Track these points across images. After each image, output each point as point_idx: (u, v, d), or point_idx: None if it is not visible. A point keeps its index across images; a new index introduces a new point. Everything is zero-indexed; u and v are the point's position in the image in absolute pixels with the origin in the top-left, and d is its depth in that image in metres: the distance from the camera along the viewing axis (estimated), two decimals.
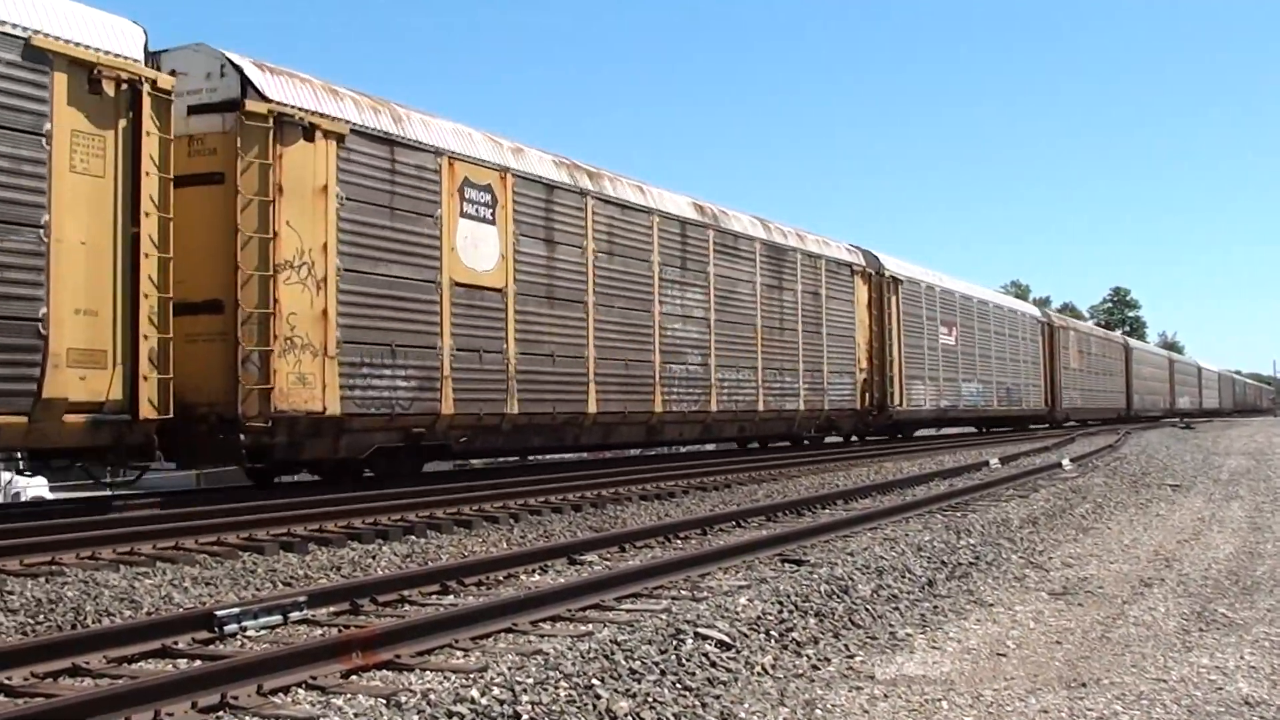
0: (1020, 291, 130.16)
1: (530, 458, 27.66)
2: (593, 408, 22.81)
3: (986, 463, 26.58)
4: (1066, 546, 13.71)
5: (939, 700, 6.90)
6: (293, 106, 16.74)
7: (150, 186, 14.54)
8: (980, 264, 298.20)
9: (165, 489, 19.43)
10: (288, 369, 16.20)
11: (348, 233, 17.44)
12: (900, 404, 37.48)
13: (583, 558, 12.10)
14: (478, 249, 20.13)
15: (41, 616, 9.00)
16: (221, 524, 13.57)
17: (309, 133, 16.86)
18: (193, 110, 16.26)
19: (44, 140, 13.40)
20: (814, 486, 21.32)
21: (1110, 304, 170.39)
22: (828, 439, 36.45)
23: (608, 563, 12.05)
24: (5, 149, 12.99)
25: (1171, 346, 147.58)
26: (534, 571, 11.40)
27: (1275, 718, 6.49)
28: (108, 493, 17.40)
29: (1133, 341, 72.79)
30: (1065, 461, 26.91)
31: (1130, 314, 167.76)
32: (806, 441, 34.67)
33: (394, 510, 15.39)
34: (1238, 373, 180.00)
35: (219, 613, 8.42)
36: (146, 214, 14.46)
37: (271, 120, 16.29)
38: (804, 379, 32.09)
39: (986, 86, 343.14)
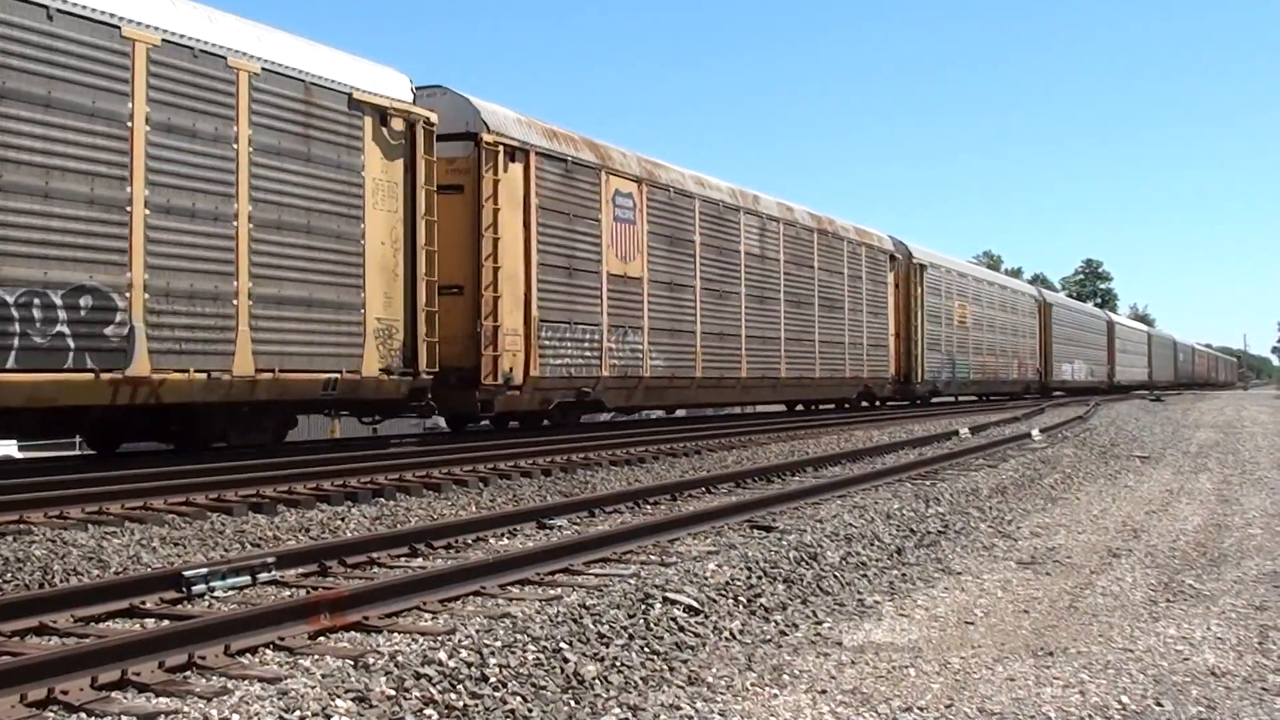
0: (993, 262, 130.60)
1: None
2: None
3: (956, 432, 26.68)
4: (1035, 516, 13.76)
5: (906, 667, 6.92)
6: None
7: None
8: (952, 233, 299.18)
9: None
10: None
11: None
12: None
13: (552, 522, 12.10)
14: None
15: (9, 575, 8.95)
16: (190, 484, 13.51)
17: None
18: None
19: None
20: (784, 454, 21.35)
21: (1082, 275, 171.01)
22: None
23: (577, 527, 12.05)
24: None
25: (1143, 319, 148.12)
26: (503, 535, 11.40)
27: (1241, 688, 6.53)
28: (75, 452, 17.61)
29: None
30: (1035, 432, 27.02)
31: (1102, 286, 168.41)
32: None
33: (363, 473, 15.36)
34: (1208, 345, 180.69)
35: (187, 573, 8.40)
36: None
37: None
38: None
39: (958, 56, 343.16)
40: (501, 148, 21.01)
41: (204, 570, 8.52)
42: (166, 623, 7.41)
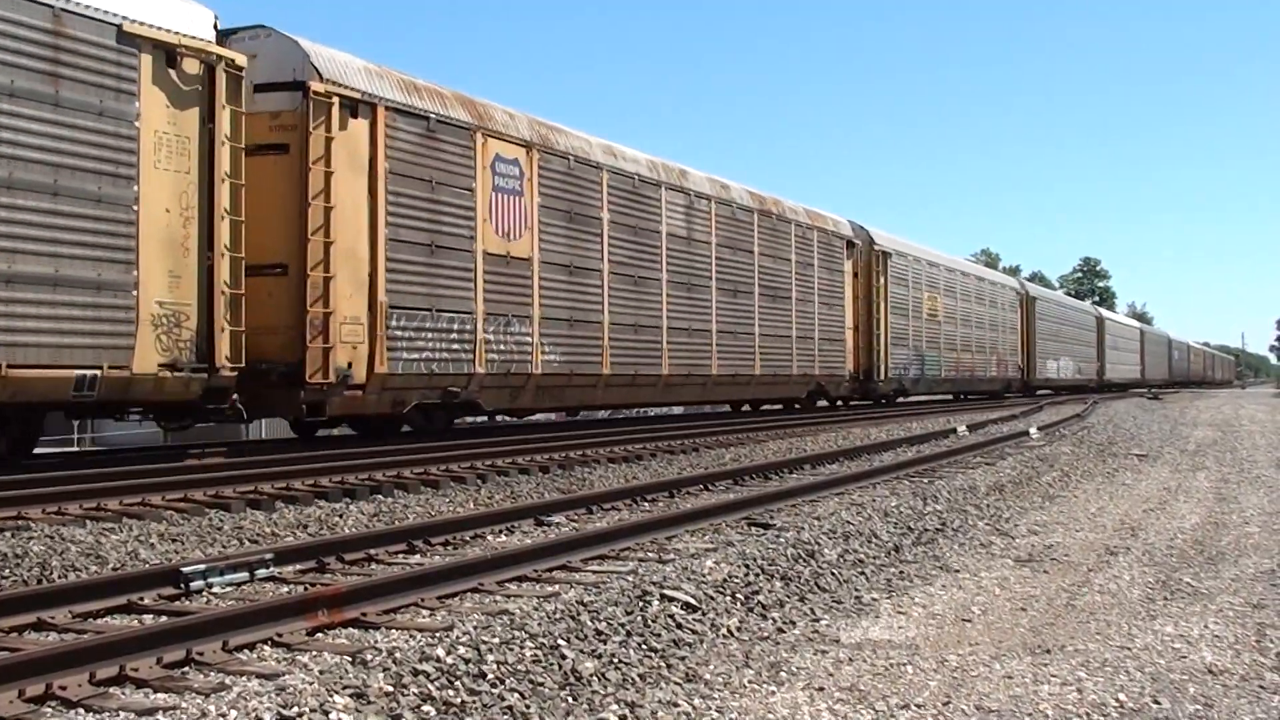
0: (990, 260, 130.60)
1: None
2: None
3: (954, 430, 26.67)
4: (1033, 514, 13.77)
5: (904, 664, 6.92)
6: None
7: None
8: (950, 232, 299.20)
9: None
10: None
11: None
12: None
13: (550, 519, 12.10)
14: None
15: (7, 571, 8.96)
16: (188, 481, 13.52)
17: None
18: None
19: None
20: (781, 451, 21.35)
21: (1080, 274, 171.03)
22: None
23: (575, 524, 12.05)
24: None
25: (1140, 317, 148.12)
26: (501, 532, 11.40)
27: (1238, 686, 6.53)
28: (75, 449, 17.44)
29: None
30: (1033, 430, 27.02)
31: (1100, 284, 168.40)
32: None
33: (361, 470, 15.35)
34: (1206, 344, 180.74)
35: (185, 569, 8.40)
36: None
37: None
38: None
39: (956, 55, 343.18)
40: (338, 100, 17.67)
41: (202, 566, 8.52)
42: (164, 619, 7.41)
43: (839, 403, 38.93)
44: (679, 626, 7.35)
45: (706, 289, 28.71)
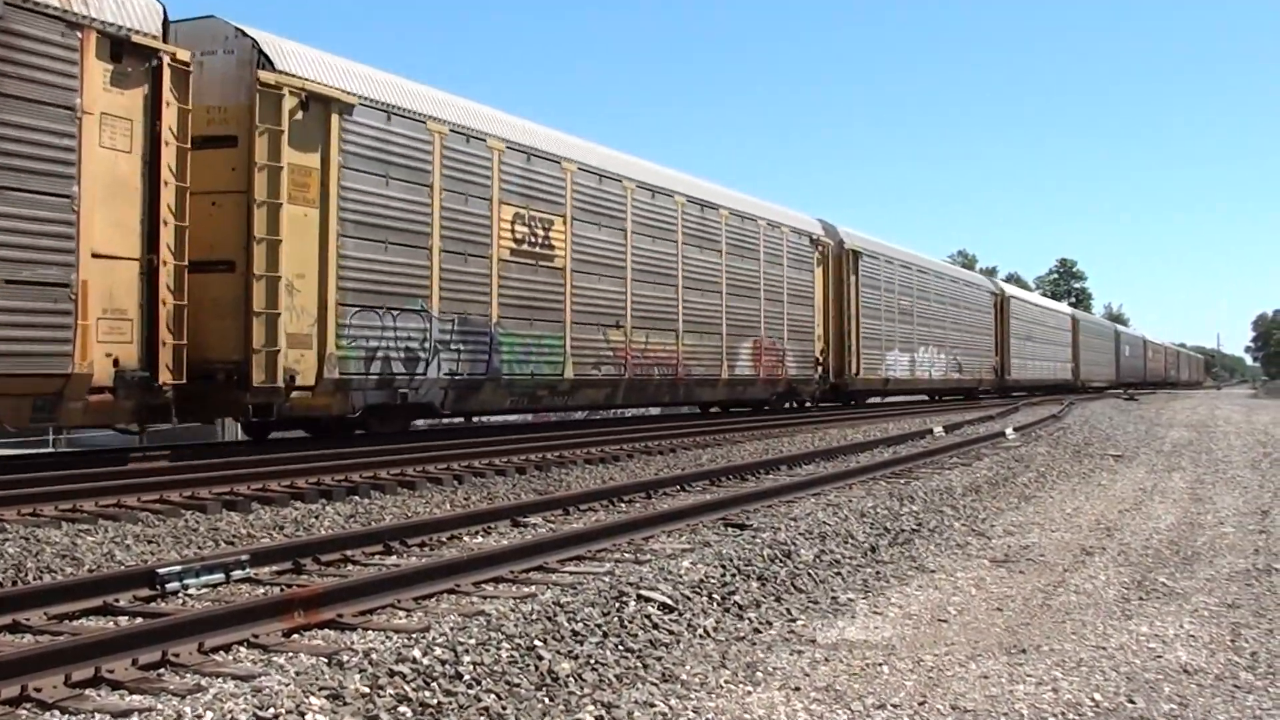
0: (967, 261, 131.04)
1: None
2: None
3: (931, 430, 26.72)
4: (1009, 515, 13.80)
5: (880, 664, 6.94)
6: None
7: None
8: (928, 233, 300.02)
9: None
10: None
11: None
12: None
13: (526, 520, 12.10)
14: None
15: None
16: (164, 482, 13.48)
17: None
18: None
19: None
20: (758, 452, 21.37)
21: (1056, 275, 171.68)
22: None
23: (551, 525, 12.05)
24: None
25: (1117, 319, 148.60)
26: (477, 533, 11.40)
27: (1213, 685, 6.56)
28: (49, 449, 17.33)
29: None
30: (1009, 431, 27.08)
31: (1076, 285, 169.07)
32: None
33: (337, 470, 15.33)
34: (1182, 345, 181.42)
35: (161, 570, 8.37)
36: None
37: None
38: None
39: (933, 58, 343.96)
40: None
41: (178, 568, 8.49)
42: (140, 620, 7.39)
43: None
44: (655, 627, 7.35)
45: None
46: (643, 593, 7.85)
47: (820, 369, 36.54)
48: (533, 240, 22.67)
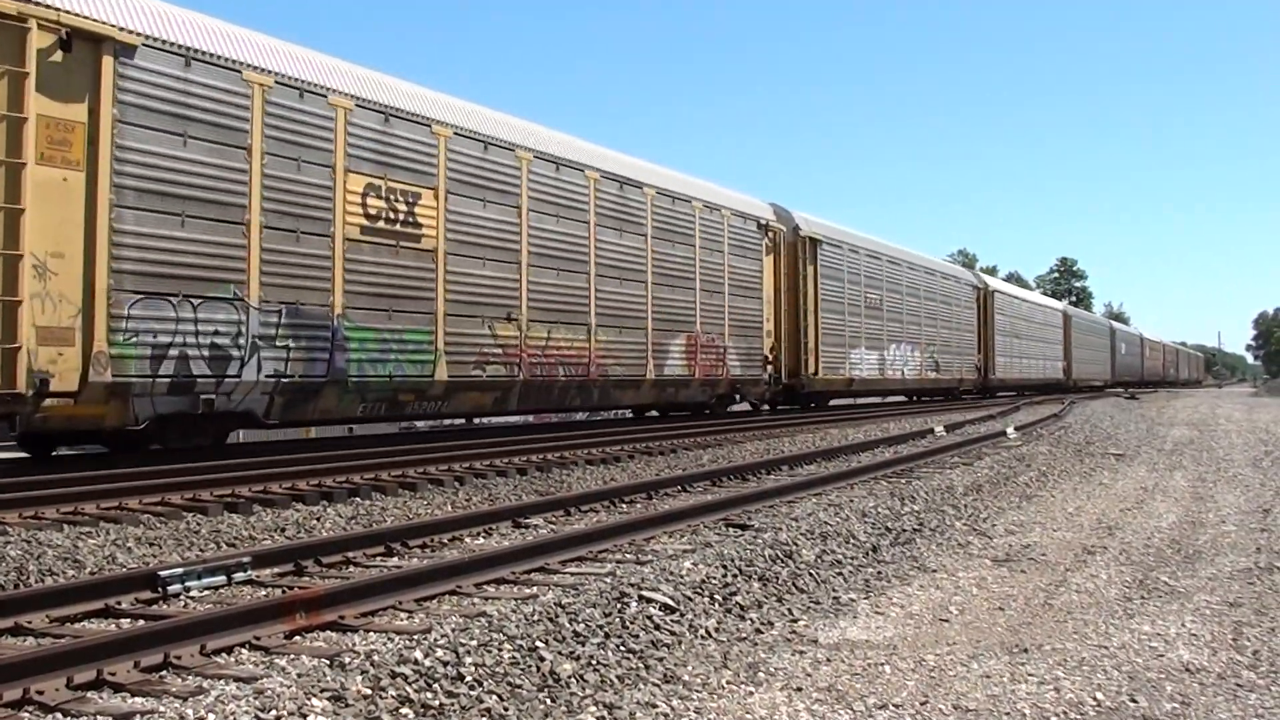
0: (968, 260, 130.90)
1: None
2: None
3: (932, 430, 26.71)
4: (1010, 514, 13.80)
5: (881, 664, 6.93)
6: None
7: None
8: (928, 233, 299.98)
9: None
10: None
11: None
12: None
13: (527, 521, 12.10)
14: None
15: None
16: (165, 485, 13.47)
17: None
18: None
19: None
20: (759, 452, 21.36)
21: (1057, 274, 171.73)
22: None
23: (553, 526, 12.04)
24: None
25: (1117, 317, 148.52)
26: (479, 534, 11.40)
27: (1215, 684, 6.56)
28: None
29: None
30: (1010, 430, 27.07)
31: (1077, 284, 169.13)
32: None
33: (338, 473, 15.34)
34: (1182, 343, 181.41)
35: (162, 573, 8.37)
36: None
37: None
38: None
39: (934, 58, 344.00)
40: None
41: (179, 570, 8.49)
42: (142, 623, 7.38)
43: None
44: (657, 628, 7.35)
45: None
46: (644, 593, 7.85)
47: (770, 368, 33.24)
48: (392, 217, 19.33)
